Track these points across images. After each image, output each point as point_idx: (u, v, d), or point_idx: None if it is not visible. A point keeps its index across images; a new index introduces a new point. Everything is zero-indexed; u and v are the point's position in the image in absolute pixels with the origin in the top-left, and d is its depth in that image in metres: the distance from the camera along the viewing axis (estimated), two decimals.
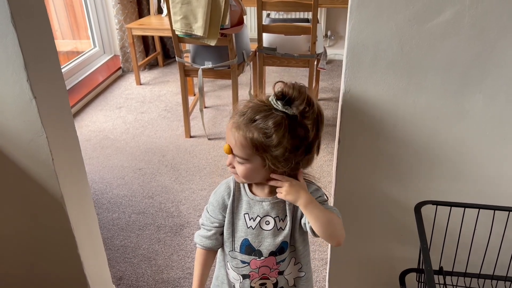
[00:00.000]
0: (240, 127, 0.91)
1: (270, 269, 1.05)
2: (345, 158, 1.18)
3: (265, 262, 1.04)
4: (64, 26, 4.05)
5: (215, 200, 1.05)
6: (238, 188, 1.03)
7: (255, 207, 1.02)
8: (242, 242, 1.04)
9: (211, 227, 1.06)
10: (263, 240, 1.03)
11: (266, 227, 1.02)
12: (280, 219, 1.02)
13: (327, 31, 4.14)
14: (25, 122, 1.18)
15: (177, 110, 3.25)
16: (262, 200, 1.01)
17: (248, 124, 0.90)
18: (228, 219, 1.04)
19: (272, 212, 1.01)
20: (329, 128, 2.97)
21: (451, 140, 1.09)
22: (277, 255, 1.04)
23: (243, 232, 1.03)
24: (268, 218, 1.02)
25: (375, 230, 1.29)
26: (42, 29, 1.17)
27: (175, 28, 2.47)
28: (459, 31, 0.97)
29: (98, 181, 2.45)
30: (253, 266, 1.05)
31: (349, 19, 1.00)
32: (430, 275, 0.88)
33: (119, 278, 1.81)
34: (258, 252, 1.03)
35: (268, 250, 1.03)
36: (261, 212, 1.01)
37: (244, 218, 1.03)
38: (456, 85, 1.03)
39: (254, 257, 1.04)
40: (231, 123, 0.93)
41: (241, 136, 0.91)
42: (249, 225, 1.02)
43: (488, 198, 1.14)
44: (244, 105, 0.94)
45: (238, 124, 0.91)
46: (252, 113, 0.90)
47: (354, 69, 1.05)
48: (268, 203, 1.01)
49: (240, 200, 1.03)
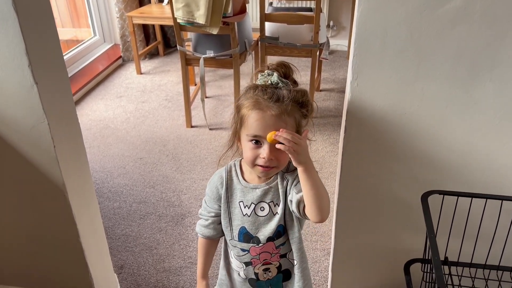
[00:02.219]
0: (287, 110, 0.91)
1: (270, 254, 1.06)
2: (351, 147, 1.17)
3: (264, 248, 1.04)
4: (64, 14, 4.01)
5: (210, 191, 1.07)
6: (230, 177, 1.05)
7: (249, 195, 1.02)
8: (240, 230, 1.04)
9: (208, 217, 1.09)
10: (260, 227, 1.03)
11: (261, 213, 1.02)
12: (274, 204, 1.02)
13: (329, 21, 4.10)
14: (27, 109, 1.16)
15: (178, 99, 3.23)
16: (256, 186, 1.02)
17: (293, 106, 0.92)
18: (223, 208, 1.05)
19: (266, 197, 1.02)
20: (331, 119, 2.95)
21: (460, 129, 1.07)
22: (275, 240, 1.04)
23: (239, 220, 1.04)
24: (262, 204, 1.02)
25: (380, 219, 1.28)
26: (44, 13, 1.15)
27: (176, 16, 2.44)
28: (470, 18, 0.95)
29: (98, 170, 2.44)
30: (253, 253, 1.05)
31: (358, 5, 0.98)
32: (438, 265, 0.87)
33: (121, 267, 1.80)
34: (256, 239, 1.04)
35: (265, 236, 1.03)
36: (255, 199, 1.02)
37: (239, 206, 1.03)
38: (466, 74, 1.01)
39: (253, 244, 1.04)
40: (276, 110, 0.90)
41: (291, 118, 0.92)
42: (245, 212, 1.03)
43: (495, 189, 1.13)
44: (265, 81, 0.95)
45: (286, 108, 0.91)
46: (290, 94, 0.92)
47: (362, 56, 1.03)
48: (261, 189, 1.01)
49: (234, 189, 1.04)
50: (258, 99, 0.92)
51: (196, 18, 2.38)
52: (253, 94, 0.94)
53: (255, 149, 0.94)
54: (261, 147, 0.93)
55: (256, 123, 0.92)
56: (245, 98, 0.95)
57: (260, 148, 0.93)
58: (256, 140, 0.93)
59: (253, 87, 0.95)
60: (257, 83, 0.96)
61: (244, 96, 0.96)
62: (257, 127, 0.91)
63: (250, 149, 0.94)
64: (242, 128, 0.96)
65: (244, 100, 0.95)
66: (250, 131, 0.93)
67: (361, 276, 1.42)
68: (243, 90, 0.97)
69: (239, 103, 0.96)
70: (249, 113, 0.93)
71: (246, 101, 0.94)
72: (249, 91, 0.96)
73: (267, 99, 0.91)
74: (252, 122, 0.92)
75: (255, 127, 0.92)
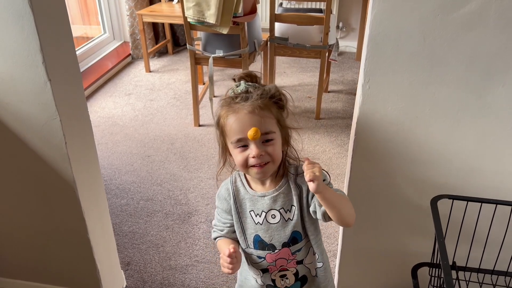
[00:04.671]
0: (261, 105, 0.93)
1: (287, 260, 1.05)
2: (361, 150, 1.17)
3: (280, 255, 1.04)
4: (74, 11, 4.03)
5: (220, 203, 1.07)
6: (236, 187, 1.04)
7: (258, 203, 1.02)
8: (254, 238, 1.04)
9: (224, 227, 1.08)
10: (273, 234, 1.02)
11: (273, 221, 1.02)
12: (285, 210, 1.01)
13: (338, 22, 4.09)
14: (40, 105, 1.17)
15: (186, 98, 3.24)
16: (263, 194, 1.01)
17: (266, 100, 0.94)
18: (235, 218, 1.05)
19: (276, 204, 1.01)
20: (339, 120, 2.95)
21: (471, 134, 1.07)
22: (291, 246, 1.03)
23: (252, 229, 1.03)
24: (273, 212, 1.01)
25: (388, 222, 1.28)
26: (58, 11, 1.16)
27: (187, 15, 2.45)
28: (484, 23, 0.95)
29: (106, 167, 2.45)
30: (269, 260, 1.05)
31: (372, 8, 0.98)
32: (447, 269, 0.87)
33: (127, 264, 1.82)
34: (271, 246, 1.03)
35: (280, 243, 1.03)
36: (264, 206, 1.02)
37: (250, 215, 1.03)
38: (478, 78, 1.01)
39: (268, 251, 1.04)
40: (248, 108, 0.93)
41: (267, 112, 0.94)
42: (257, 221, 1.03)
43: (506, 194, 1.12)
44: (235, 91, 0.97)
45: (257, 104, 0.93)
46: (258, 91, 0.95)
47: (374, 59, 1.03)
48: (269, 197, 1.01)
49: (242, 199, 1.04)
50: (229, 104, 0.95)
51: (206, 18, 2.39)
52: (225, 104, 0.97)
53: (243, 152, 0.95)
54: (248, 148, 0.94)
55: (233, 126, 0.93)
56: (220, 111, 0.98)
57: (247, 149, 0.94)
58: (242, 144, 0.94)
59: (224, 99, 0.98)
60: (228, 96, 0.98)
61: (219, 110, 0.99)
62: (236, 130, 0.93)
63: (239, 154, 0.95)
64: (226, 139, 0.97)
65: (219, 112, 0.98)
66: (233, 137, 0.94)
67: (367, 278, 1.42)
68: (218, 107, 1.00)
69: (216, 119, 0.99)
70: (225, 121, 0.95)
71: (220, 112, 0.97)
72: (222, 105, 0.98)
73: (238, 102, 0.94)
74: (230, 127, 0.94)
75: (234, 130, 0.93)
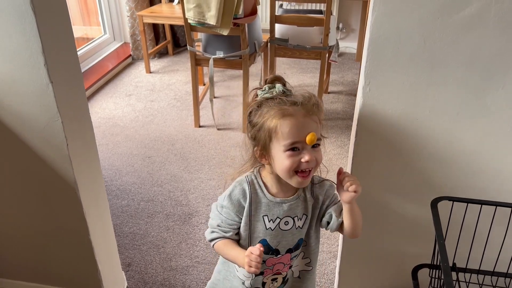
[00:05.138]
0: (312, 109, 0.92)
1: (284, 264, 1.05)
2: (361, 151, 1.17)
3: (281, 259, 1.04)
4: (74, 12, 4.04)
5: (230, 204, 1.01)
6: (254, 190, 1.00)
7: (275, 209, 0.99)
8: (260, 241, 1.01)
9: (229, 229, 1.03)
10: (281, 240, 1.02)
11: (285, 227, 1.01)
12: (298, 218, 1.01)
13: (338, 23, 4.10)
14: (41, 107, 1.18)
15: (187, 99, 3.25)
16: (283, 201, 0.99)
17: (316, 107, 0.93)
18: (245, 221, 1.01)
19: (292, 212, 1.00)
20: (339, 121, 2.95)
21: (471, 136, 1.08)
22: (293, 252, 1.04)
23: (261, 233, 1.01)
24: (287, 219, 1.00)
25: (389, 224, 1.28)
26: (60, 12, 1.16)
27: (187, 16, 2.45)
28: (484, 25, 0.96)
29: (107, 168, 2.46)
30: (269, 263, 1.04)
31: (372, 10, 0.99)
32: (447, 270, 0.87)
33: (128, 265, 1.82)
34: (275, 251, 1.03)
35: (285, 248, 1.03)
36: (281, 213, 1.00)
37: (263, 219, 1.00)
38: (478, 80, 1.01)
39: (271, 256, 1.03)
40: (304, 112, 0.90)
41: (317, 117, 0.93)
42: (268, 226, 1.00)
43: (506, 196, 1.13)
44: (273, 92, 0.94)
45: (310, 108, 0.92)
46: (305, 97, 0.93)
47: (375, 61, 1.03)
48: (288, 204, 0.99)
49: (258, 203, 1.00)
50: (282, 107, 0.90)
51: (207, 19, 2.39)
52: (272, 106, 0.91)
53: (294, 156, 0.90)
54: (300, 152, 0.90)
55: (292, 129, 0.89)
56: (265, 112, 0.92)
57: (299, 154, 0.90)
58: (294, 147, 0.90)
59: (265, 101, 0.93)
60: (264, 97, 0.94)
61: (260, 111, 0.93)
62: (294, 133, 0.89)
63: (289, 158, 0.90)
64: (274, 141, 0.91)
65: (264, 115, 0.92)
66: (287, 140, 0.89)
67: (368, 279, 1.43)
68: (253, 109, 0.95)
69: (259, 119, 0.92)
70: (279, 123, 0.89)
71: (268, 114, 0.91)
72: (262, 107, 0.93)
73: (291, 105, 0.90)
74: (286, 130, 0.89)
75: (292, 133, 0.89)
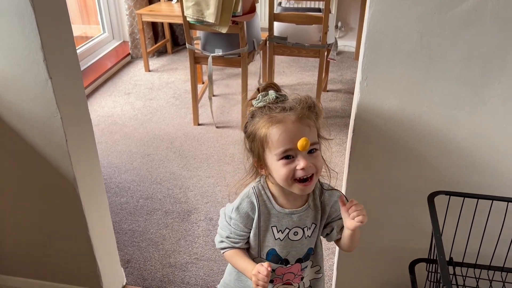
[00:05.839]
0: (304, 113, 0.90)
1: (294, 275, 1.05)
2: (359, 147, 1.18)
3: (291, 269, 1.04)
4: (73, 11, 4.04)
5: (239, 217, 0.99)
6: (263, 202, 0.98)
7: (284, 220, 0.99)
8: (269, 251, 1.02)
9: (239, 240, 1.02)
10: (291, 250, 1.01)
11: (294, 238, 1.01)
12: (308, 228, 1.01)
13: (337, 22, 4.11)
14: (40, 103, 1.18)
15: (186, 97, 3.25)
16: (292, 212, 0.99)
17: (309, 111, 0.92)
18: (254, 232, 1.01)
19: (301, 222, 1.00)
20: (338, 119, 2.96)
21: (468, 131, 1.08)
22: (303, 262, 1.04)
23: (270, 242, 1.01)
24: (296, 229, 1.00)
25: (386, 219, 1.29)
26: (59, 9, 1.17)
27: (186, 14, 2.46)
28: (481, 21, 0.96)
29: (106, 166, 2.46)
30: (279, 273, 1.04)
31: (369, 6, 0.99)
32: (443, 263, 0.88)
33: (127, 261, 1.83)
34: (285, 260, 1.03)
35: (295, 258, 1.03)
36: (290, 224, 0.99)
37: (272, 230, 1.00)
38: (475, 76, 1.02)
39: (281, 265, 1.03)
40: (294, 117, 0.88)
41: (311, 121, 0.91)
42: (277, 237, 1.00)
43: (502, 190, 1.14)
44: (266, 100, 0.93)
45: (302, 112, 0.89)
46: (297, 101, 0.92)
47: (372, 57, 1.04)
48: (298, 215, 0.99)
49: (267, 214, 0.99)
50: (271, 115, 0.89)
51: (205, 17, 2.40)
52: (262, 115, 0.91)
53: (289, 164, 0.88)
54: (295, 160, 0.88)
55: (281, 136, 0.87)
56: (257, 122, 0.91)
57: (294, 161, 0.88)
58: (287, 155, 0.88)
59: (257, 111, 0.92)
60: (258, 106, 0.93)
61: (253, 122, 0.92)
62: (285, 140, 0.87)
63: (283, 166, 0.88)
64: (266, 151, 0.91)
65: (255, 124, 0.91)
66: (279, 148, 0.88)
67: (366, 275, 1.43)
68: (247, 119, 0.94)
69: (252, 130, 0.92)
70: (269, 132, 0.88)
71: (259, 124, 0.90)
72: (254, 117, 0.92)
73: (281, 111, 0.89)
74: (276, 138, 0.87)
75: (282, 140, 0.87)
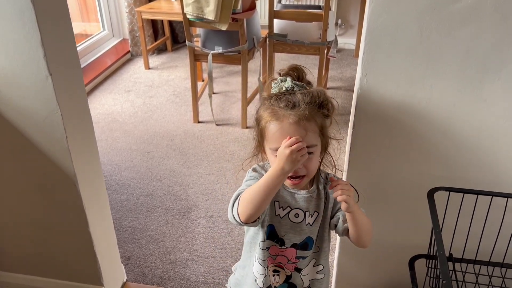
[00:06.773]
0: (305, 115, 0.88)
1: (287, 260, 1.05)
2: (359, 143, 1.18)
3: (285, 252, 1.04)
4: (73, 8, 4.03)
5: (256, 174, 1.01)
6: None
7: (287, 198, 1.00)
8: (267, 226, 1.02)
9: None
10: (289, 231, 1.02)
11: (294, 219, 1.01)
12: (310, 215, 1.01)
13: (337, 19, 4.10)
14: (41, 100, 1.18)
15: (185, 95, 3.25)
16: (295, 192, 1.00)
17: (312, 108, 0.89)
18: None
19: (304, 205, 1.00)
20: (337, 116, 2.93)
21: (467, 127, 1.08)
22: (299, 249, 1.03)
23: (268, 216, 1.01)
24: (298, 211, 1.00)
25: (386, 215, 1.29)
26: (59, 5, 1.17)
27: (186, 11, 2.46)
28: (480, 17, 0.96)
29: (106, 163, 2.46)
30: (272, 252, 1.05)
31: (369, 2, 0.99)
32: (443, 259, 0.88)
33: (127, 258, 1.83)
34: (280, 240, 1.03)
35: (291, 241, 1.02)
36: (292, 203, 1.00)
37: (274, 204, 1.00)
38: (475, 72, 1.02)
39: (276, 244, 1.03)
40: (293, 118, 0.87)
41: (312, 123, 0.90)
42: (277, 213, 1.01)
43: (501, 186, 1.14)
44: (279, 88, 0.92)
45: (303, 113, 0.88)
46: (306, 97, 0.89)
47: (372, 53, 1.04)
48: (301, 196, 0.99)
49: None
50: (274, 109, 0.90)
51: (205, 14, 2.39)
52: (268, 105, 0.92)
53: None
54: None
55: (275, 134, 0.89)
56: (262, 110, 0.93)
57: None
58: None
59: (268, 98, 0.94)
60: (271, 92, 0.94)
61: (261, 108, 0.94)
62: (278, 139, 0.88)
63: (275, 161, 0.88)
64: (265, 141, 0.94)
65: (261, 112, 0.93)
66: (272, 144, 0.90)
67: (366, 271, 1.44)
68: (260, 102, 0.96)
69: (258, 116, 0.94)
70: (267, 125, 0.91)
71: (263, 113, 0.92)
72: (264, 103, 0.94)
73: (283, 108, 0.89)
74: (271, 134, 0.90)
75: (276, 138, 0.89)
